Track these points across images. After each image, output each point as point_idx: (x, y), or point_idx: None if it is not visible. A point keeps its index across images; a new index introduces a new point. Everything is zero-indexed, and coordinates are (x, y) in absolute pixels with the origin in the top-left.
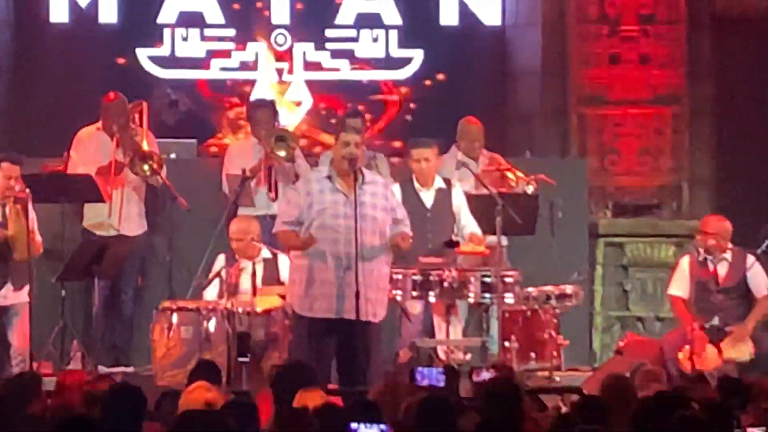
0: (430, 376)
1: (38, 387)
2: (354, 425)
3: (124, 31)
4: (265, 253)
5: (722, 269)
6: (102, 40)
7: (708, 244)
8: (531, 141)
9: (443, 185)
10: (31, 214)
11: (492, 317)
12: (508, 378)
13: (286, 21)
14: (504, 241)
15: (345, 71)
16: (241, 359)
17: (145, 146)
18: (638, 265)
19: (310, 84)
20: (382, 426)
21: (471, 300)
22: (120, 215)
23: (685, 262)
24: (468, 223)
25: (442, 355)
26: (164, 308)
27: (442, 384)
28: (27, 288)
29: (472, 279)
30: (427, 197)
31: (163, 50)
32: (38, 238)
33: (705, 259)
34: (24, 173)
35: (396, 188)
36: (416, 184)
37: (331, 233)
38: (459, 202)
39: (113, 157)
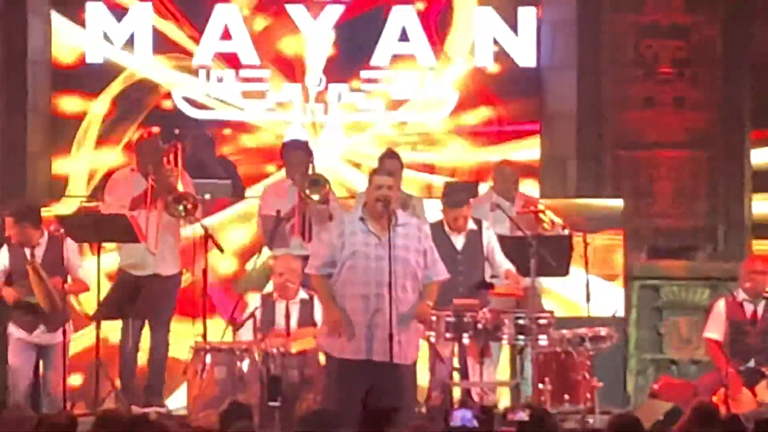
0: (464, 418)
1: (73, 428)
2: None
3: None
4: (302, 294)
5: (760, 310)
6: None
7: (753, 285)
8: (566, 183)
9: (474, 226)
10: (71, 253)
11: (526, 359)
12: (542, 418)
13: (322, 62)
14: (542, 282)
15: (380, 112)
16: (272, 403)
17: (180, 186)
18: (673, 308)
19: None
20: None
21: (505, 342)
22: (156, 243)
23: (720, 304)
24: (503, 262)
25: (475, 397)
26: (198, 348)
27: (476, 425)
28: (62, 329)
29: (506, 321)
30: (458, 241)
31: (198, 91)
32: (83, 277)
33: (743, 301)
34: (58, 214)
35: (426, 229)
36: (447, 228)
37: (362, 275)
38: (491, 242)
39: (148, 186)
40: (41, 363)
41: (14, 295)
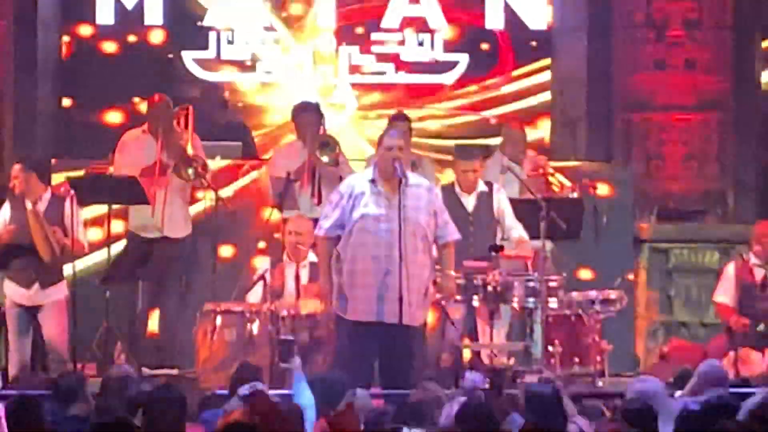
0: (475, 380)
1: (83, 388)
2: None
3: (170, 33)
4: (312, 256)
5: None
6: (148, 41)
7: (764, 248)
8: (576, 146)
9: (485, 189)
10: (68, 211)
11: (536, 322)
12: (550, 381)
13: (332, 24)
14: (549, 245)
15: (390, 75)
16: (284, 365)
17: (189, 150)
18: (682, 271)
19: None
20: None
21: (515, 304)
22: (163, 217)
23: (730, 268)
24: (514, 225)
25: (485, 359)
26: (208, 311)
27: (486, 387)
28: (61, 287)
29: (516, 283)
30: (469, 202)
31: (209, 53)
32: (82, 238)
33: (753, 265)
34: (69, 176)
35: (438, 191)
36: (458, 189)
37: (373, 236)
38: (502, 205)
39: (158, 158)
40: (41, 325)
41: (10, 233)
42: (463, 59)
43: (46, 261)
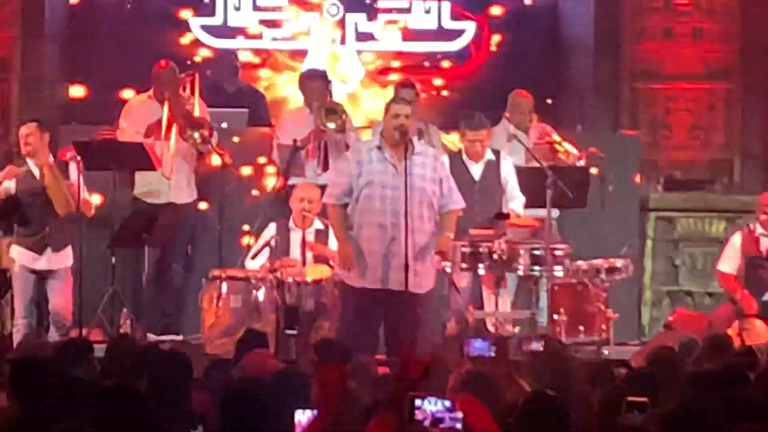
0: (481, 348)
1: (89, 353)
2: (418, 401)
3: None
4: (318, 224)
5: None
6: (155, 7)
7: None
8: (582, 114)
9: (492, 157)
10: (74, 176)
11: (541, 290)
12: (556, 348)
13: None
14: (554, 213)
15: (396, 43)
16: (289, 332)
17: (196, 114)
18: (689, 240)
19: None
20: (447, 402)
21: (520, 273)
22: (170, 184)
23: (736, 238)
24: (514, 196)
25: (490, 328)
26: (214, 277)
27: (492, 355)
28: (69, 252)
29: (522, 251)
30: (476, 170)
31: (216, 19)
32: (87, 196)
33: (759, 235)
34: (75, 141)
35: (444, 159)
36: (465, 157)
37: (379, 204)
38: (507, 173)
39: (164, 114)
40: (47, 290)
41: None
42: (469, 27)
43: (61, 215)
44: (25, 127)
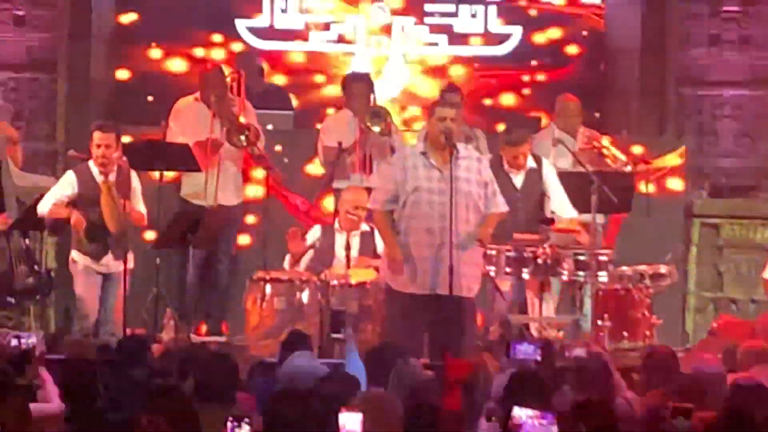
0: (527, 351)
1: (145, 352)
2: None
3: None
4: (364, 226)
5: None
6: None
7: None
8: (628, 120)
9: (534, 165)
10: (135, 183)
11: (585, 295)
12: (599, 355)
13: None
14: (600, 219)
15: (443, 46)
16: (335, 335)
17: (242, 118)
18: (733, 247)
19: None
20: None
21: (564, 277)
22: (217, 186)
23: None
24: (554, 201)
25: (534, 332)
26: (258, 278)
27: (538, 358)
28: (129, 257)
29: (566, 257)
30: (518, 179)
31: (262, 21)
32: (141, 208)
33: None
34: (122, 142)
35: (486, 161)
36: (506, 166)
37: (427, 209)
38: (549, 178)
39: (210, 133)
40: (104, 291)
41: (82, 219)
42: (516, 31)
43: (112, 233)
44: (103, 135)
